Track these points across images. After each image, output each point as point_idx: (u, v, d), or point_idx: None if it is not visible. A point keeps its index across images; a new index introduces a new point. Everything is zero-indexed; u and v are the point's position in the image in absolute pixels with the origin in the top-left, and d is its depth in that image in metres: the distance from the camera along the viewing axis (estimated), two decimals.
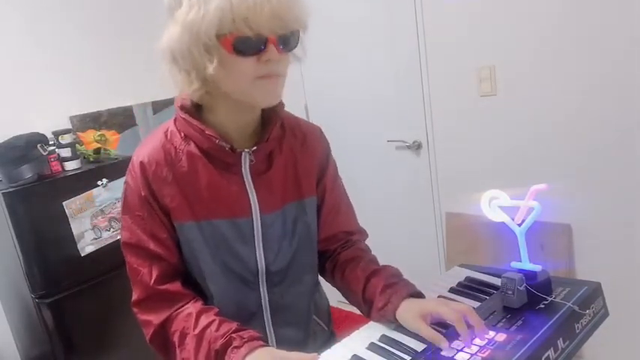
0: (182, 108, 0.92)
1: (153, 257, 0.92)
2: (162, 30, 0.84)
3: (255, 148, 0.93)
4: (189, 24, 0.78)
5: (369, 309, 0.97)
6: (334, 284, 1.10)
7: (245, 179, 0.94)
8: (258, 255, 0.97)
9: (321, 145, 1.07)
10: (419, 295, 0.95)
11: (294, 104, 2.83)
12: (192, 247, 0.93)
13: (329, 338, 1.15)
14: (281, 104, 0.97)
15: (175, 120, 0.95)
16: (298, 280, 1.03)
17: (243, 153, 0.92)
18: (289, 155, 1.00)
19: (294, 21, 0.81)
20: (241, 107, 0.90)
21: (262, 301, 1.00)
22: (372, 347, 0.87)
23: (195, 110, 0.92)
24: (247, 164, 0.93)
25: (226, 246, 0.94)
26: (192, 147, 0.92)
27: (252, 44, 0.78)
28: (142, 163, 0.92)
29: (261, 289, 0.99)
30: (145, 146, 0.95)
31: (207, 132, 0.89)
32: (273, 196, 0.97)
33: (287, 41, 0.83)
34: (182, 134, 0.93)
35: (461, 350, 0.80)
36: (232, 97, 0.87)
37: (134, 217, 0.93)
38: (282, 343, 0.85)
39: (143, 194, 0.91)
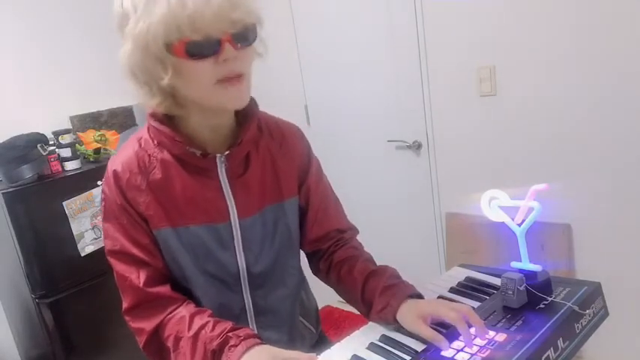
0: (152, 115, 0.91)
1: (138, 262, 0.92)
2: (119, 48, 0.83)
3: (227, 152, 0.92)
4: (137, 38, 0.77)
5: (367, 310, 0.97)
6: (329, 284, 1.09)
7: (222, 183, 0.93)
8: (238, 258, 0.96)
9: (300, 146, 1.05)
10: (418, 296, 0.94)
11: (294, 104, 2.86)
12: (172, 253, 0.93)
13: (318, 340, 1.14)
14: (255, 104, 0.95)
15: (148, 127, 0.94)
16: (281, 282, 1.03)
17: (217, 157, 0.91)
18: (267, 157, 0.99)
19: (243, 17, 0.78)
20: (212, 111, 0.88)
21: (245, 303, 0.99)
22: (372, 347, 0.87)
23: (167, 117, 0.91)
24: (223, 168, 0.93)
25: (205, 251, 0.94)
26: (166, 154, 0.91)
27: (205, 46, 0.77)
28: (115, 172, 0.92)
29: (243, 292, 0.99)
30: (118, 155, 0.94)
31: (177, 139, 0.88)
32: (252, 199, 0.96)
33: (243, 37, 0.80)
34: (155, 141, 0.92)
35: (461, 350, 0.80)
36: (199, 103, 0.85)
37: (115, 224, 0.93)
38: None
39: (119, 202, 0.91)
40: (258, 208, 0.97)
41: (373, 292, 0.96)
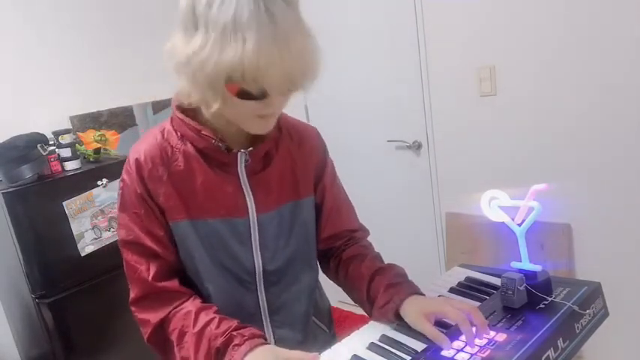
0: (178, 108, 0.92)
1: (150, 255, 0.92)
2: (171, 33, 0.81)
3: (251, 148, 0.93)
4: (199, 61, 0.75)
5: (371, 307, 0.97)
6: (338, 282, 1.10)
7: (241, 179, 0.94)
8: (255, 255, 0.97)
9: (318, 146, 1.08)
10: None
11: (294, 104, 2.84)
12: (188, 246, 0.93)
13: (330, 341, 1.14)
14: None
15: (172, 119, 0.94)
16: (296, 279, 1.03)
17: (239, 153, 0.92)
18: (286, 156, 1.00)
19: (303, 83, 0.80)
20: None
21: (260, 301, 0.99)
22: (372, 347, 0.87)
23: (192, 110, 0.91)
24: (243, 164, 0.93)
25: (222, 246, 0.94)
26: (189, 146, 0.92)
27: (257, 95, 0.78)
28: (137, 161, 0.92)
29: (258, 290, 0.99)
30: (141, 144, 0.95)
31: (203, 132, 0.89)
32: (270, 196, 0.97)
33: (294, 91, 0.82)
34: (178, 133, 0.93)
35: (461, 350, 0.80)
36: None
37: (131, 214, 0.93)
38: (281, 344, 0.85)
39: (139, 192, 0.91)
40: (276, 204, 0.98)
41: (378, 288, 0.96)
